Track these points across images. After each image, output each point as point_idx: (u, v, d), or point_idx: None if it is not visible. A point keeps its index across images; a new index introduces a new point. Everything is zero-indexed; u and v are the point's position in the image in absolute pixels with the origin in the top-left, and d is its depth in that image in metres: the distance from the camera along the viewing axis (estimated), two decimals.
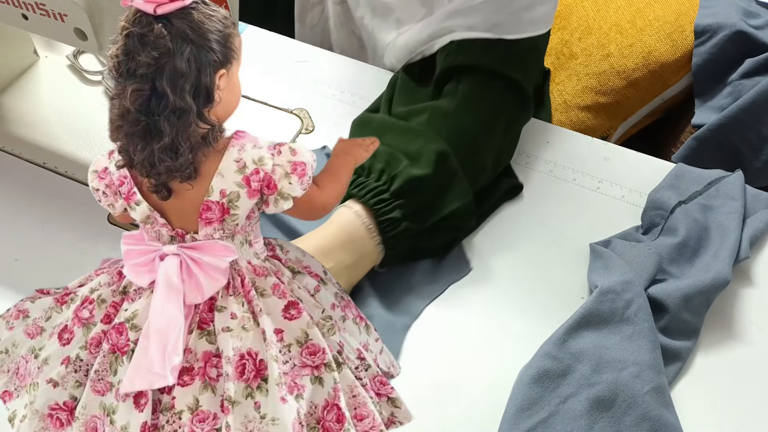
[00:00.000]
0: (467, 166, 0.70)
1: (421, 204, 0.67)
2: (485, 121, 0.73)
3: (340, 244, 0.64)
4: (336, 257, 0.63)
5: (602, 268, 0.67)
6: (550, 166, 0.80)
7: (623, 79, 1.19)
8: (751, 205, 0.74)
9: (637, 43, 1.18)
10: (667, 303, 0.64)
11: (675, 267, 0.68)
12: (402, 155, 0.68)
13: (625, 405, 0.58)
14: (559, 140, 0.83)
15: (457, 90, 0.74)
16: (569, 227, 0.74)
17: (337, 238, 0.64)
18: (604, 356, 0.61)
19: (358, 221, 0.65)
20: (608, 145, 0.84)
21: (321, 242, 0.64)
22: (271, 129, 0.81)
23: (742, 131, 1.10)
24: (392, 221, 0.66)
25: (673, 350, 0.63)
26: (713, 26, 1.15)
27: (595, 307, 0.63)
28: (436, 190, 0.68)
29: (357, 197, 0.67)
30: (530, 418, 0.58)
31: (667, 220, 0.71)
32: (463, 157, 0.70)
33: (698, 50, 1.16)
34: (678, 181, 0.76)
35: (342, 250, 0.64)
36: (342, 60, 0.91)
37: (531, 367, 0.61)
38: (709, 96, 1.16)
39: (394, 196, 0.66)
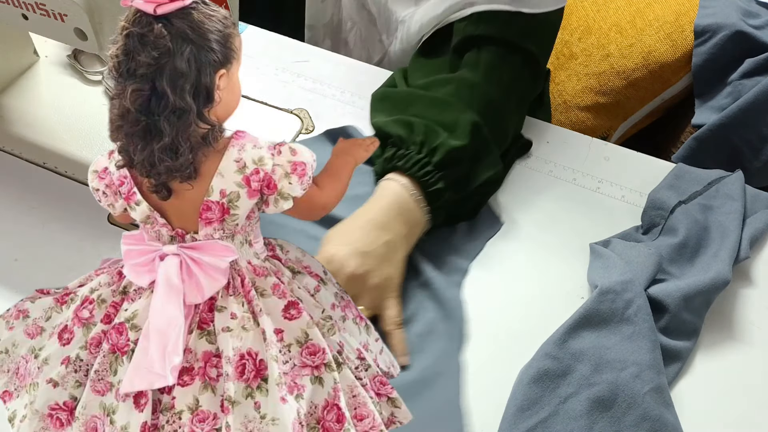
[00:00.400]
0: (494, 136, 0.73)
1: (460, 174, 0.70)
2: (507, 92, 0.76)
3: (395, 216, 0.67)
4: (394, 229, 0.66)
5: (602, 268, 0.67)
6: (550, 166, 0.80)
7: (623, 79, 1.19)
8: (751, 205, 0.74)
9: (636, 43, 1.18)
10: (667, 303, 0.64)
11: (675, 267, 0.68)
12: (438, 127, 0.71)
13: (625, 405, 0.59)
14: (559, 140, 0.83)
15: (479, 61, 0.76)
16: (569, 227, 0.74)
17: (391, 210, 0.67)
18: (604, 356, 0.61)
19: (405, 193, 0.68)
20: (608, 145, 0.84)
21: (378, 216, 0.66)
22: (271, 129, 0.81)
23: (742, 131, 1.10)
24: (438, 192, 0.69)
25: (673, 350, 0.63)
26: (713, 26, 1.15)
27: (595, 307, 0.63)
28: (472, 160, 0.71)
29: (402, 170, 0.69)
30: (530, 418, 0.58)
31: (667, 220, 0.71)
32: (491, 127, 0.73)
33: (698, 50, 1.16)
34: (678, 181, 0.76)
35: (397, 222, 0.66)
36: (342, 60, 0.91)
37: (531, 367, 0.61)
38: (709, 96, 1.17)
39: (436, 168, 0.69)
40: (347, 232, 0.65)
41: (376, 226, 0.65)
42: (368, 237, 0.64)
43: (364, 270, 0.63)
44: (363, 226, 0.65)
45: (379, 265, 0.64)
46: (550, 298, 0.68)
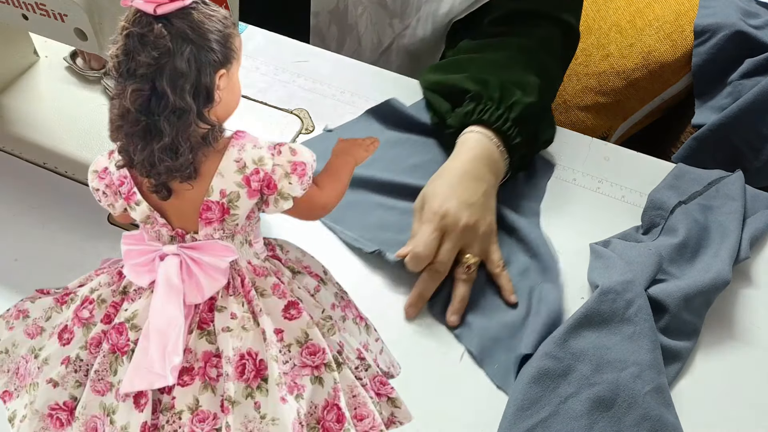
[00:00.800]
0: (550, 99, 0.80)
1: (532, 130, 0.75)
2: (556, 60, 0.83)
3: (486, 166, 0.71)
4: (487, 179, 0.71)
5: (602, 268, 0.67)
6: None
7: (623, 79, 1.19)
8: (751, 205, 0.74)
9: (636, 43, 1.18)
10: (667, 303, 0.64)
11: (675, 267, 0.68)
12: (511, 85, 0.75)
13: (626, 405, 0.58)
14: (559, 140, 0.83)
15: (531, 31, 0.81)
16: (569, 227, 0.74)
17: (482, 161, 0.71)
18: (605, 356, 0.61)
19: (492, 145, 0.72)
20: (608, 145, 0.84)
21: (472, 168, 0.71)
22: (271, 129, 0.81)
23: (742, 131, 1.10)
24: (517, 145, 0.73)
25: (674, 350, 0.63)
26: (713, 26, 1.15)
27: (595, 307, 0.63)
28: (540, 118, 0.76)
29: (486, 123, 0.73)
30: (530, 418, 0.58)
31: (667, 221, 0.71)
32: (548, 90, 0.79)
33: (698, 50, 1.16)
34: (678, 181, 0.76)
35: (489, 172, 0.71)
36: (342, 60, 0.91)
37: (531, 366, 0.61)
38: (709, 96, 1.16)
39: (514, 123, 0.73)
40: (450, 186, 0.69)
41: (473, 177, 0.70)
42: (469, 189, 0.69)
43: (475, 220, 0.67)
44: (462, 179, 0.69)
45: (483, 213, 0.69)
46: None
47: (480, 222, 0.68)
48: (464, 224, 0.67)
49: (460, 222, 0.67)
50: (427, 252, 0.66)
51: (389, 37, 0.94)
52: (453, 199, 0.68)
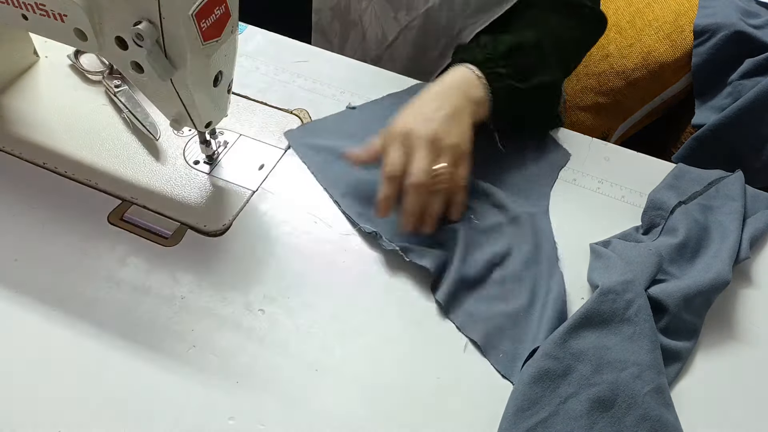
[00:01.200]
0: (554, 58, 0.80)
1: (522, 64, 0.76)
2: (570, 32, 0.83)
3: (455, 89, 0.73)
4: (456, 101, 0.72)
5: (602, 269, 0.67)
6: None
7: (623, 79, 1.19)
8: (751, 205, 0.74)
9: (636, 43, 1.18)
10: (667, 303, 0.64)
11: (675, 267, 0.68)
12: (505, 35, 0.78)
13: (626, 405, 0.58)
14: (559, 140, 0.83)
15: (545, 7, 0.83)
16: (569, 227, 0.74)
17: (453, 84, 0.73)
18: (605, 356, 0.61)
19: (469, 73, 0.74)
20: (608, 145, 0.84)
21: (440, 89, 0.73)
22: (271, 129, 0.81)
23: (742, 131, 1.10)
24: (498, 75, 0.74)
25: (674, 350, 0.63)
26: (713, 26, 1.15)
27: (595, 307, 0.63)
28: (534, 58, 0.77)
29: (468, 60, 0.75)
30: (530, 418, 0.58)
31: (667, 221, 0.71)
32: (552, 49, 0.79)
33: (698, 50, 1.16)
34: (678, 181, 0.76)
35: (458, 94, 0.73)
36: (342, 60, 0.91)
37: (531, 366, 0.61)
38: (709, 96, 1.17)
39: (500, 57, 0.75)
40: (413, 109, 0.72)
41: (437, 96, 0.72)
42: (433, 106, 0.71)
43: (435, 132, 0.68)
44: (426, 99, 0.72)
45: (449, 127, 0.69)
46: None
47: (445, 135, 0.69)
48: (429, 136, 0.68)
49: (424, 135, 0.68)
50: (395, 167, 0.67)
51: (394, 31, 0.94)
52: (416, 117, 0.70)
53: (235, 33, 0.64)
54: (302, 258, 0.69)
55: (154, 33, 0.57)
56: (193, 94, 0.63)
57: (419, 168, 0.67)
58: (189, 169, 0.76)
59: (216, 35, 0.60)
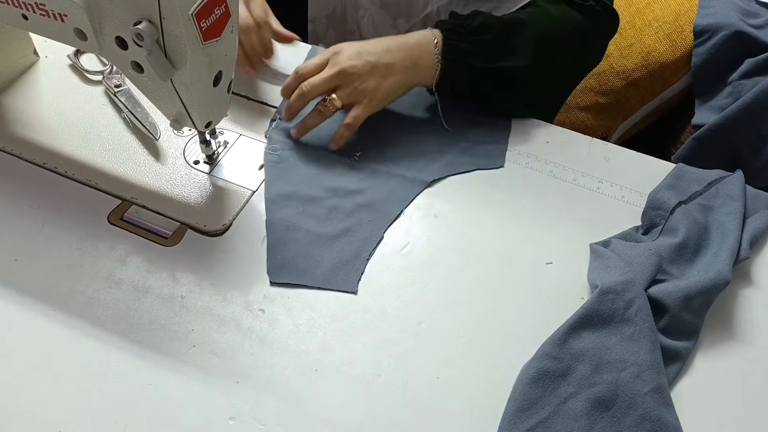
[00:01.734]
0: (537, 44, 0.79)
1: (486, 43, 0.77)
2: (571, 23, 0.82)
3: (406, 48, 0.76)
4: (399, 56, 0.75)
5: (602, 268, 0.67)
6: (550, 167, 0.80)
7: (623, 79, 1.19)
8: (751, 205, 0.74)
9: (636, 43, 1.18)
10: (667, 303, 0.64)
11: (675, 267, 0.68)
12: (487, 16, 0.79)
13: (625, 405, 0.59)
14: (559, 140, 0.83)
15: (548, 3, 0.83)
16: (569, 227, 0.74)
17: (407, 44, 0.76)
18: (605, 356, 0.61)
19: (429, 38, 0.77)
20: (608, 145, 0.84)
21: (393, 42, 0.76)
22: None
23: (742, 131, 1.10)
24: (457, 48, 0.77)
25: (674, 350, 0.63)
26: (712, 26, 1.15)
27: (595, 307, 0.63)
28: (503, 41, 0.78)
29: (438, 26, 0.78)
30: (530, 418, 0.58)
31: (667, 221, 0.71)
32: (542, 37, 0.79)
33: (698, 50, 1.16)
34: (678, 181, 0.76)
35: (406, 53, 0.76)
36: None
37: (531, 366, 0.61)
38: (709, 96, 1.17)
39: (468, 33, 0.77)
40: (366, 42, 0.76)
41: (388, 46, 0.76)
42: (375, 49, 0.75)
43: (353, 68, 0.73)
44: (379, 42, 0.76)
45: (369, 73, 0.74)
46: (550, 298, 0.68)
47: (361, 77, 0.73)
48: (345, 68, 0.73)
49: (343, 64, 0.73)
50: (305, 69, 0.75)
51: None
52: (356, 49, 0.74)
53: (235, 33, 0.64)
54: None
55: (154, 33, 0.57)
56: (193, 94, 0.63)
57: (312, 82, 0.74)
58: (189, 169, 0.76)
59: (216, 35, 0.60)
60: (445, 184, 0.77)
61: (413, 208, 0.75)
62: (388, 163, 0.78)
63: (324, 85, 0.74)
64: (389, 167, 0.77)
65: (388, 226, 0.72)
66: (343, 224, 0.71)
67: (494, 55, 0.78)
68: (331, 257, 0.69)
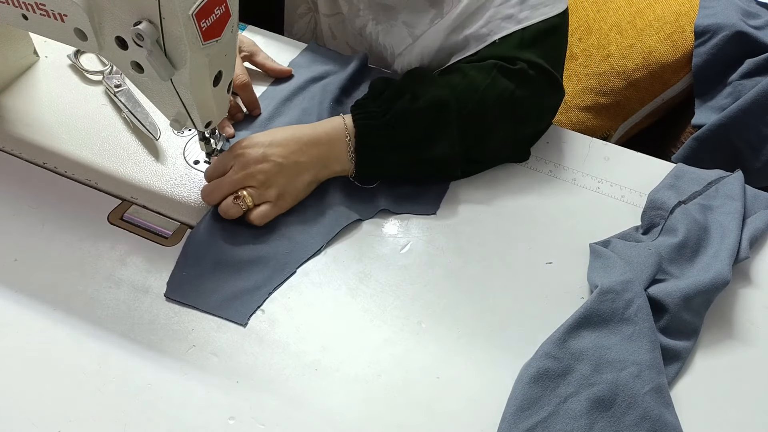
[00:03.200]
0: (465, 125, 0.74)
1: (404, 139, 0.73)
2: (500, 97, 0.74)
3: (320, 141, 0.72)
4: (311, 153, 0.72)
5: (602, 268, 0.67)
6: (550, 167, 0.80)
7: (623, 79, 1.19)
8: (751, 205, 0.74)
9: (637, 43, 1.18)
10: (667, 303, 0.64)
11: (675, 267, 0.68)
12: (408, 93, 0.74)
13: (625, 405, 0.59)
14: (559, 140, 0.83)
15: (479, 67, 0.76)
16: (569, 227, 0.74)
17: (321, 135, 0.73)
18: (604, 356, 0.61)
19: (342, 130, 0.73)
20: (608, 145, 0.84)
21: (307, 133, 0.72)
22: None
23: (742, 131, 1.10)
24: (372, 146, 0.73)
25: (673, 350, 0.64)
26: (713, 27, 1.15)
27: (595, 307, 0.63)
28: (422, 132, 0.73)
29: (353, 115, 0.74)
30: (530, 418, 0.58)
31: (667, 220, 0.71)
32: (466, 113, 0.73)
33: (698, 51, 1.16)
34: (678, 181, 0.76)
35: (318, 147, 0.72)
36: (340, 58, 0.91)
37: (531, 366, 0.61)
38: (709, 96, 1.16)
39: (383, 126, 0.73)
40: (271, 134, 0.72)
41: (296, 142, 0.71)
42: (284, 145, 0.71)
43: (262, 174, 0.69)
44: (286, 136, 0.72)
45: (277, 174, 0.70)
46: (550, 298, 0.68)
47: (275, 178, 0.70)
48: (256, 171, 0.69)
49: (254, 166, 0.69)
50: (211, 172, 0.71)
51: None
52: (263, 144, 0.70)
53: (235, 33, 0.64)
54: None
55: (154, 33, 0.57)
56: (193, 94, 0.63)
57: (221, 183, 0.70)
58: (189, 168, 0.76)
59: (216, 35, 0.60)
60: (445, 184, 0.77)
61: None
62: (320, 195, 0.74)
63: (233, 187, 0.69)
64: (320, 199, 0.74)
65: (304, 261, 0.69)
66: (258, 251, 0.69)
67: (414, 148, 0.73)
68: (234, 284, 0.66)
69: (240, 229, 0.70)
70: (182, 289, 0.65)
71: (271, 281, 0.67)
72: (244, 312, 0.64)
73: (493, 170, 0.79)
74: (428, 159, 0.74)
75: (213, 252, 0.68)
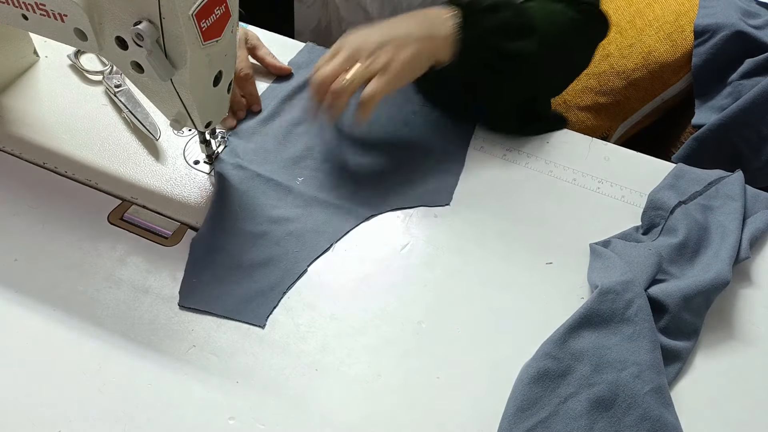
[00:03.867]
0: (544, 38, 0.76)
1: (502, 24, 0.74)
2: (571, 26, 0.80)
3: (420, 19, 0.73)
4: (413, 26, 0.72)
5: (602, 268, 0.67)
6: (550, 167, 0.80)
7: (623, 79, 1.19)
8: (751, 205, 0.74)
9: (636, 43, 1.18)
10: (667, 303, 0.64)
11: (675, 267, 0.68)
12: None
13: (625, 405, 0.59)
14: (559, 140, 0.83)
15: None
16: (569, 227, 0.74)
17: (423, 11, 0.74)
18: (604, 356, 0.61)
19: (442, 12, 0.73)
20: (608, 145, 0.84)
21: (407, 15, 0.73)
22: None
23: (742, 131, 1.10)
24: (476, 24, 0.73)
25: (673, 350, 0.64)
26: (713, 26, 1.15)
27: (595, 307, 0.63)
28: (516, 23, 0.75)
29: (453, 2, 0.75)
30: (530, 418, 0.58)
31: (667, 221, 0.71)
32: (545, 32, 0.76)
33: (698, 50, 1.16)
34: (678, 182, 0.76)
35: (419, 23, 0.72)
36: None
37: (531, 366, 0.61)
38: (709, 96, 1.17)
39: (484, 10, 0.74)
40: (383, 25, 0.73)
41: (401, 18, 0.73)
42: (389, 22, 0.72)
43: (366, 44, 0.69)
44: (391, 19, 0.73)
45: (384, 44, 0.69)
46: (550, 298, 0.68)
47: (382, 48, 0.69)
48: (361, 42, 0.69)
49: (357, 40, 0.69)
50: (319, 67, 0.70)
51: None
52: (366, 28, 0.71)
53: (235, 33, 0.64)
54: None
55: (154, 33, 0.57)
56: (193, 94, 0.63)
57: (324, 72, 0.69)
58: (189, 169, 0.76)
59: (216, 35, 0.60)
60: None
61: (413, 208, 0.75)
62: (328, 191, 0.75)
63: (340, 69, 0.69)
64: (328, 196, 0.74)
65: (314, 259, 0.69)
66: (269, 252, 0.69)
67: (509, 35, 0.74)
68: (248, 286, 0.66)
69: (245, 231, 0.70)
70: (195, 297, 0.65)
71: (284, 281, 0.67)
72: (262, 313, 0.64)
73: (494, 170, 0.79)
74: (517, 50, 0.75)
75: (221, 256, 0.68)
